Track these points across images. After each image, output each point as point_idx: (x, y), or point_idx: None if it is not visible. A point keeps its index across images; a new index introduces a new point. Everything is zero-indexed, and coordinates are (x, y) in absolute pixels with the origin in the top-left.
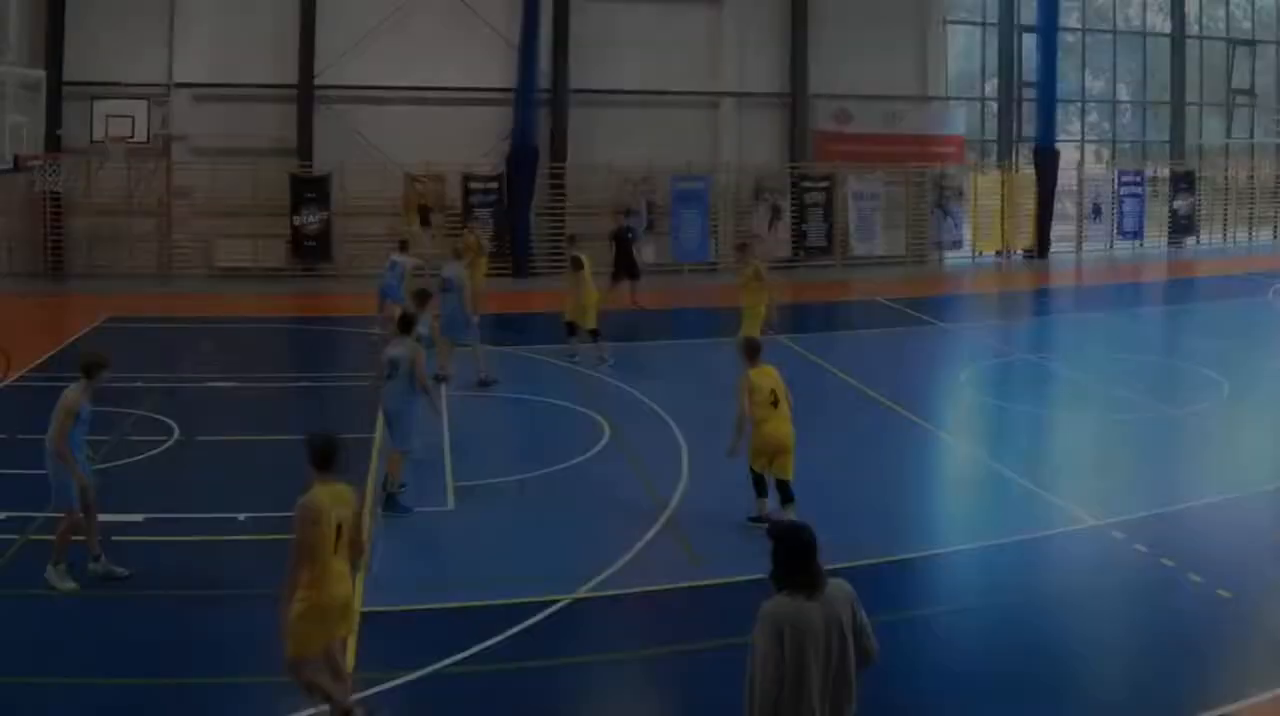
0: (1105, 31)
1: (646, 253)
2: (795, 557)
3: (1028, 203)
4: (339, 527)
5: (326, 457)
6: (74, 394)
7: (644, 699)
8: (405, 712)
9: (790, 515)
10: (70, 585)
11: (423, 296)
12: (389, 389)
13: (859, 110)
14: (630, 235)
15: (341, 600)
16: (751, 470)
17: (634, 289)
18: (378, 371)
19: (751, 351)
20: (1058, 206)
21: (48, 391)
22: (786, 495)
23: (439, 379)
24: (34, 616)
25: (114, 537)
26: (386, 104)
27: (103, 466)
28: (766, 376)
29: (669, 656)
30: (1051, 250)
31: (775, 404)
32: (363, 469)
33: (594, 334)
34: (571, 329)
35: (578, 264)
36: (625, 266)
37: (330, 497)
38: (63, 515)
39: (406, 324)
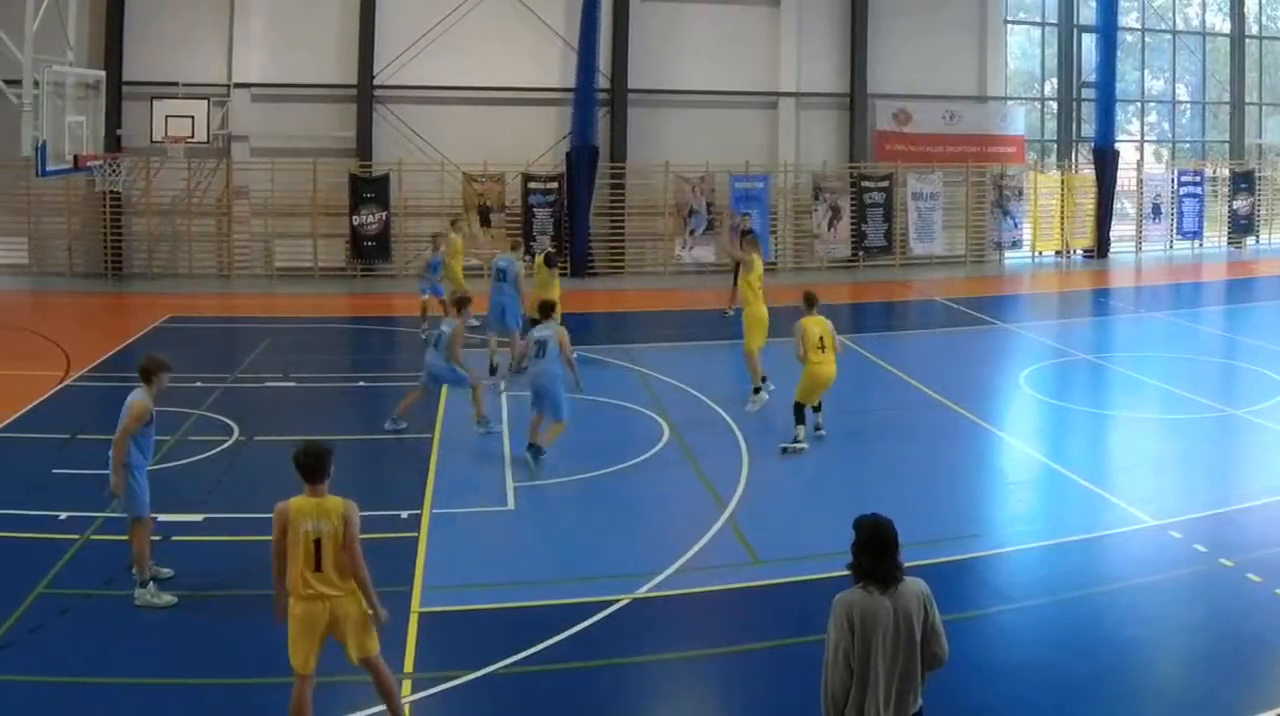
0: (1165, 31)
1: (706, 253)
2: (874, 551)
3: (1087, 203)
4: (317, 541)
5: (307, 470)
6: (142, 401)
7: (705, 699)
8: (465, 712)
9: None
10: (167, 599)
11: (463, 302)
12: (539, 368)
13: (918, 110)
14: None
15: (311, 614)
16: (797, 403)
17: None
18: (522, 352)
19: (809, 302)
20: (1117, 206)
21: (107, 392)
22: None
23: (492, 371)
24: (93, 616)
25: (173, 537)
26: (445, 104)
27: (162, 466)
28: (817, 324)
29: (730, 656)
30: (1111, 250)
31: (822, 348)
32: (423, 468)
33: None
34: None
35: (551, 262)
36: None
37: (305, 509)
38: (136, 525)
39: (548, 309)
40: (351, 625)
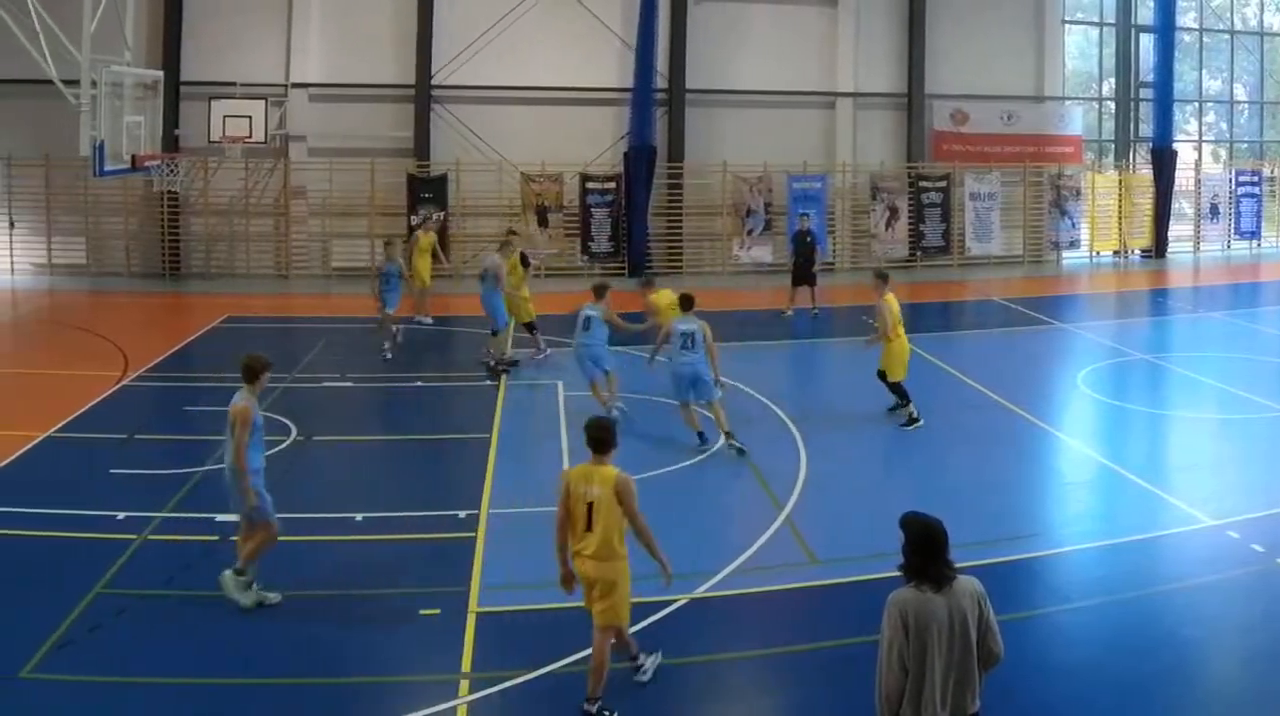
0: (1222, 31)
1: (764, 253)
2: (925, 550)
3: (1145, 203)
4: (590, 505)
5: (596, 442)
6: (244, 405)
7: (763, 699)
8: (523, 712)
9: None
10: (250, 601)
11: (601, 289)
12: (688, 358)
13: (976, 110)
14: (810, 239)
15: (582, 571)
16: (895, 383)
17: (812, 295)
18: (659, 344)
19: (885, 278)
20: (1175, 206)
21: (165, 392)
22: (900, 392)
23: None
24: (150, 616)
25: (232, 538)
26: (503, 104)
27: (220, 466)
28: (897, 302)
29: (788, 656)
30: (1169, 250)
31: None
32: (481, 468)
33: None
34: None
35: (525, 261)
36: (804, 270)
37: (585, 476)
38: (259, 528)
39: (688, 302)
40: (600, 587)
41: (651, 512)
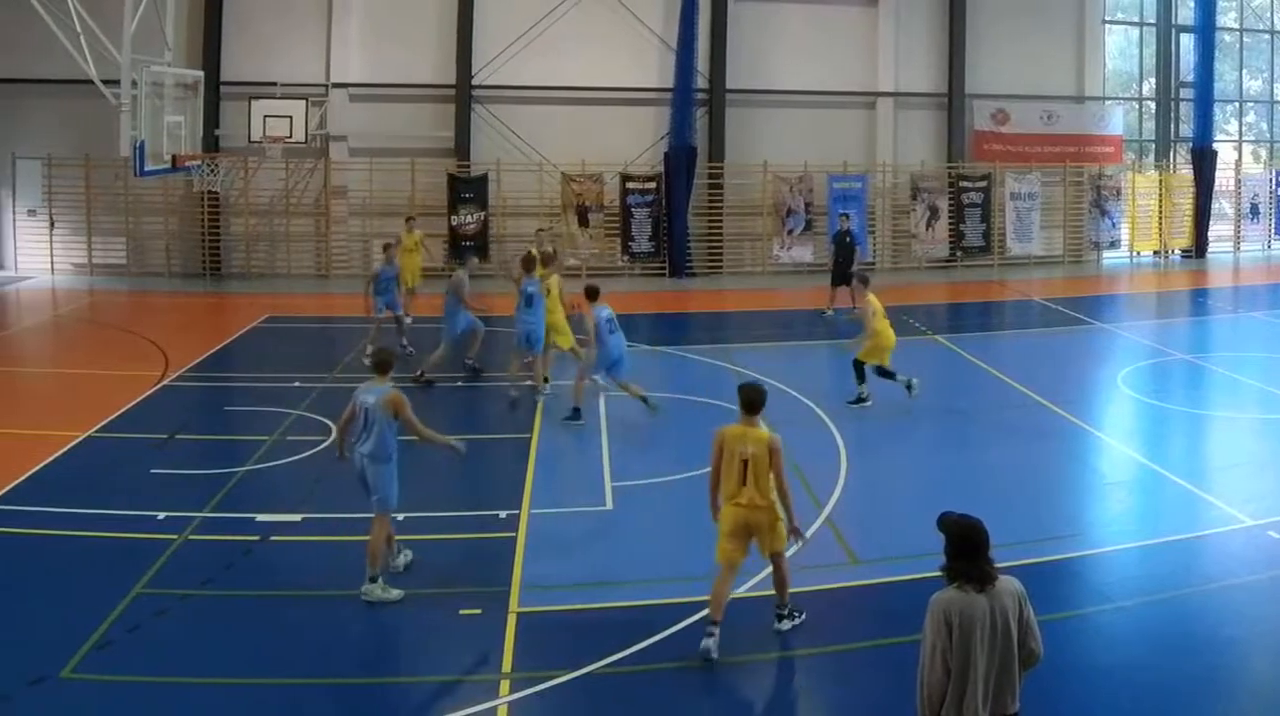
0: (1263, 31)
1: (804, 253)
2: (965, 551)
3: (1185, 203)
4: (745, 461)
5: (749, 404)
6: (397, 394)
7: (803, 698)
8: (563, 713)
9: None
10: (396, 593)
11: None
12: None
13: (1016, 110)
14: (850, 239)
15: (736, 518)
16: (861, 363)
17: (853, 295)
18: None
19: (865, 283)
20: (1215, 206)
21: (205, 392)
22: (886, 373)
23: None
24: (190, 616)
25: (272, 538)
26: (543, 104)
27: (261, 467)
28: (878, 300)
29: (828, 656)
30: (1209, 250)
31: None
32: (521, 468)
33: None
34: None
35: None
36: (843, 270)
37: (738, 435)
38: (382, 518)
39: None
40: (763, 531)
41: (693, 511)
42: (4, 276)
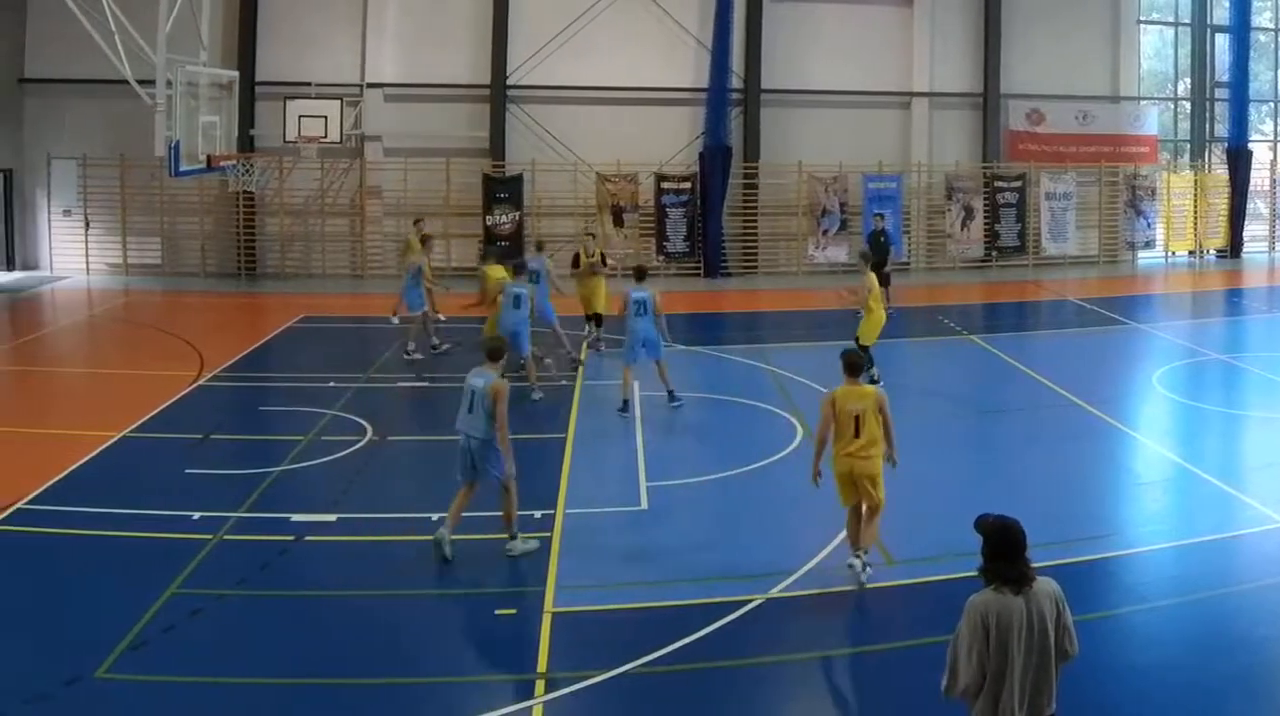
0: None
1: (839, 253)
2: (1003, 553)
3: (1220, 203)
4: (857, 417)
5: (851, 367)
6: (504, 382)
7: (839, 699)
8: (598, 713)
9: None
10: (533, 544)
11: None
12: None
13: (1051, 110)
14: (885, 239)
15: (850, 468)
16: (867, 347)
17: (887, 293)
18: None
19: (865, 259)
20: (1250, 206)
21: (240, 392)
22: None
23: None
24: (225, 616)
25: (307, 538)
26: (578, 104)
27: (296, 467)
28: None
29: (864, 656)
30: (1244, 250)
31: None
32: (556, 468)
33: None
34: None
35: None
36: (879, 270)
37: (848, 395)
38: (507, 487)
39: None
40: (866, 479)
41: (728, 510)
42: (40, 276)
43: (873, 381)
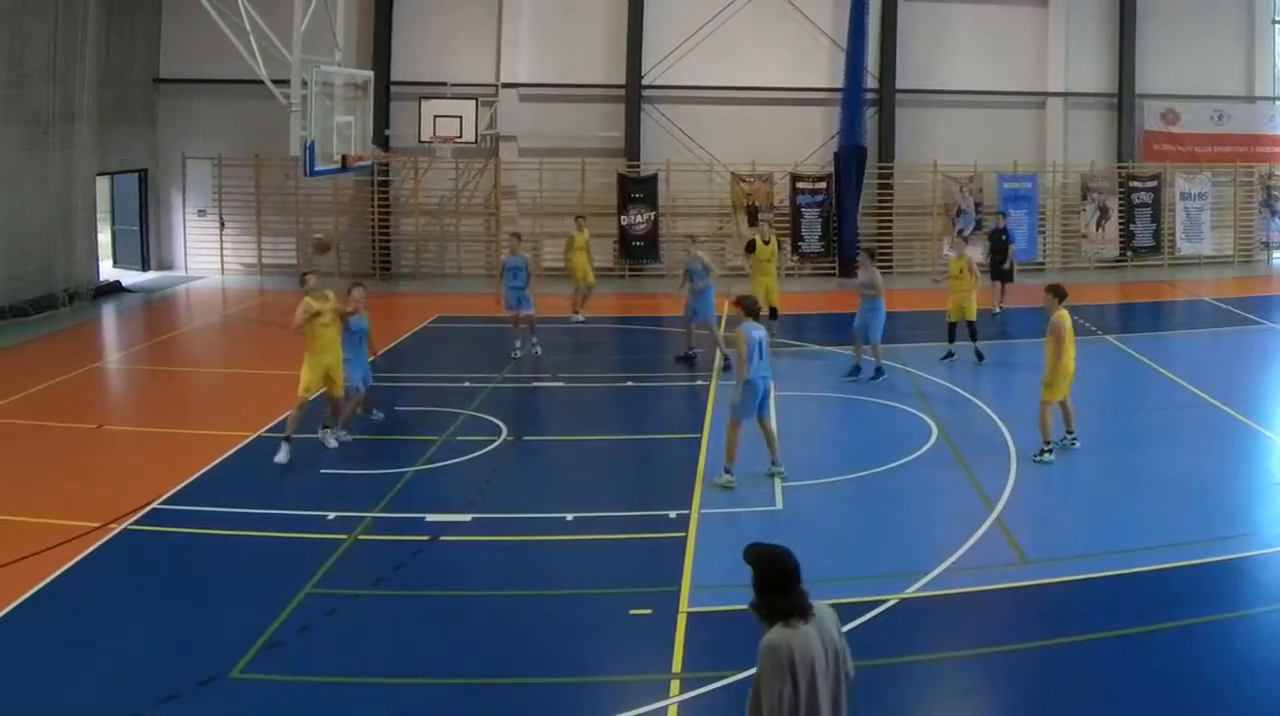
0: None
1: (974, 253)
2: (780, 583)
3: None
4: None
5: (1065, 295)
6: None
7: (973, 699)
8: (733, 713)
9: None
10: (734, 478)
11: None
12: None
13: (1186, 110)
14: (1006, 238)
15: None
16: (952, 322)
17: (1003, 291)
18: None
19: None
20: None
21: (375, 391)
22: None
23: (688, 357)
24: (360, 616)
25: (442, 538)
26: (713, 104)
27: (430, 466)
28: (964, 259)
29: (998, 656)
30: None
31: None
32: (691, 468)
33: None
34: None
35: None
36: (999, 268)
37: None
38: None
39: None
40: None
41: (861, 512)
42: (175, 276)
43: (949, 354)
